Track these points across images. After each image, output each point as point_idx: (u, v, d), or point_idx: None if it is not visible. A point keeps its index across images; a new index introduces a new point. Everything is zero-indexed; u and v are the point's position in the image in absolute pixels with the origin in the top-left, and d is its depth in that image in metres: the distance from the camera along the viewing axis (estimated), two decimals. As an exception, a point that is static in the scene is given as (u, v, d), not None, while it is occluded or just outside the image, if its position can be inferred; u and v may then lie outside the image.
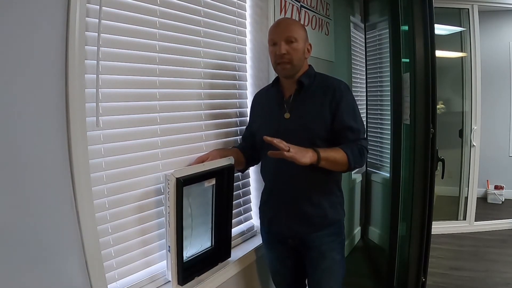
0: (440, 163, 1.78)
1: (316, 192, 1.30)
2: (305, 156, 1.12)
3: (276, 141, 1.09)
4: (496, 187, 3.82)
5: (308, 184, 1.29)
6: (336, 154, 1.19)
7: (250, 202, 1.72)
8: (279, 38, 1.25)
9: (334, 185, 1.35)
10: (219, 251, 1.38)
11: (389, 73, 2.39)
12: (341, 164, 1.21)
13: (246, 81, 1.68)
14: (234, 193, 1.47)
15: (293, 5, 1.86)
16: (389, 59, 2.35)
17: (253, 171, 1.69)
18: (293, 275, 1.46)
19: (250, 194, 1.71)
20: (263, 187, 1.45)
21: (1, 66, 0.78)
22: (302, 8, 1.96)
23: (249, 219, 1.71)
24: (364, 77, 3.12)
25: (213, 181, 1.31)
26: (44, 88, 0.87)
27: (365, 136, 1.30)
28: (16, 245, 0.82)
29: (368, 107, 3.04)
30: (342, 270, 1.37)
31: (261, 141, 1.36)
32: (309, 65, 1.36)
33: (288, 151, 1.09)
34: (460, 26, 3.19)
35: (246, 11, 1.65)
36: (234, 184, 1.42)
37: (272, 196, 1.39)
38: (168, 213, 1.13)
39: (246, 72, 1.68)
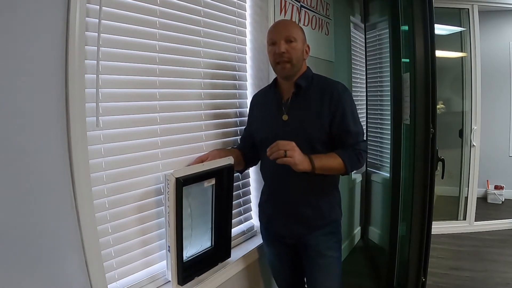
0: (440, 163, 1.78)
1: (314, 193, 1.31)
2: (302, 164, 1.16)
3: (274, 148, 1.14)
4: (496, 187, 3.82)
5: (306, 186, 1.29)
6: (332, 162, 1.22)
7: (250, 202, 1.72)
8: (278, 37, 1.26)
9: (332, 186, 1.36)
10: (219, 251, 1.38)
11: (389, 73, 2.39)
12: (337, 170, 1.25)
13: (246, 81, 1.68)
14: (234, 193, 1.47)
15: (293, 5, 1.86)
16: (389, 59, 2.35)
17: (253, 171, 1.69)
18: (292, 272, 1.48)
19: (250, 194, 1.71)
20: (263, 186, 1.45)
21: (1, 66, 0.78)
22: (302, 8, 1.96)
23: (249, 219, 1.71)
24: (364, 77, 3.11)
25: (213, 181, 1.31)
26: (44, 88, 0.87)
27: (364, 138, 1.31)
28: (16, 245, 0.82)
29: (368, 107, 3.04)
30: (340, 268, 1.38)
31: (260, 142, 1.37)
32: (307, 67, 1.36)
33: (285, 156, 1.13)
34: (460, 26, 3.19)
35: (246, 11, 1.65)
36: (234, 184, 1.42)
37: (271, 196, 1.40)
38: (168, 213, 1.13)
39: (246, 72, 1.68)
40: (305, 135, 1.25)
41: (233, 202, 1.43)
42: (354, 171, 3.05)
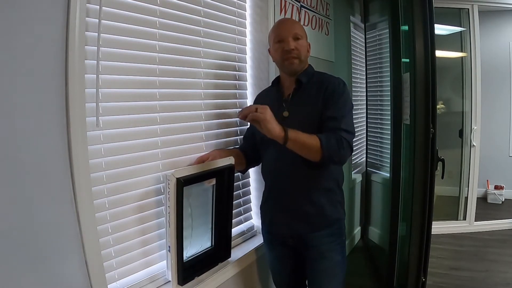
0: (440, 163, 1.78)
1: (315, 190, 1.29)
2: (274, 126, 1.08)
3: (245, 108, 1.13)
4: (496, 187, 3.82)
5: (307, 183, 1.29)
6: (307, 137, 1.14)
7: (250, 202, 1.72)
8: (286, 34, 1.27)
9: (334, 184, 1.34)
10: (219, 251, 1.38)
11: (389, 73, 2.39)
12: (312, 147, 1.14)
13: (246, 81, 1.68)
14: (234, 193, 1.47)
15: (293, 5, 1.86)
16: (389, 59, 2.35)
17: (253, 171, 1.68)
18: (292, 276, 1.46)
19: (250, 194, 1.71)
20: (264, 186, 1.45)
21: (1, 66, 0.78)
22: (302, 8, 1.96)
23: (249, 219, 1.71)
24: (364, 77, 3.12)
25: (214, 181, 1.31)
26: (44, 88, 0.87)
27: (349, 130, 1.22)
28: (16, 245, 0.82)
29: (368, 107, 3.04)
30: (343, 271, 1.36)
31: (261, 139, 1.37)
32: (309, 64, 1.37)
33: (256, 111, 1.07)
34: (460, 26, 3.19)
35: (246, 11, 1.65)
36: (234, 184, 1.42)
37: (272, 195, 1.40)
38: (168, 213, 1.13)
39: (246, 72, 1.68)
40: (305, 131, 1.25)
41: (233, 202, 1.42)
42: (355, 171, 3.09)
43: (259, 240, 1.59)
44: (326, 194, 1.31)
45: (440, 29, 3.20)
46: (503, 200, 3.81)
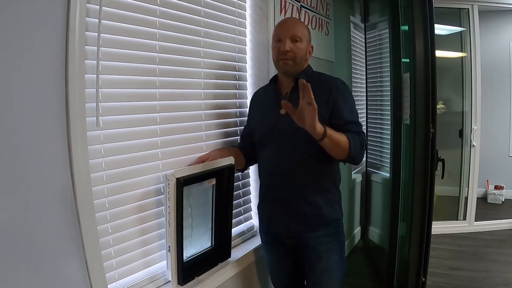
0: (440, 163, 1.78)
1: (312, 190, 1.29)
2: (317, 121, 1.09)
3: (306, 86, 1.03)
4: (496, 187, 3.82)
5: (304, 182, 1.29)
6: (340, 137, 1.18)
7: (250, 202, 1.72)
8: (284, 35, 1.27)
9: (331, 183, 1.34)
10: (219, 251, 1.38)
11: (389, 73, 2.39)
12: (342, 148, 1.18)
13: (246, 81, 1.68)
14: (234, 193, 1.47)
15: (293, 5, 1.86)
16: (389, 59, 2.35)
17: (253, 171, 1.69)
18: (291, 277, 1.46)
19: (250, 194, 1.71)
20: (260, 185, 1.45)
21: (1, 66, 0.78)
22: (302, 8, 1.96)
23: (249, 219, 1.71)
24: (364, 77, 3.12)
25: (214, 181, 1.31)
26: (44, 88, 0.87)
27: (364, 132, 1.31)
28: (16, 245, 0.82)
29: (368, 107, 3.04)
30: (341, 271, 1.36)
31: (259, 138, 1.37)
32: (308, 65, 1.37)
33: (311, 103, 1.04)
34: (460, 26, 3.19)
35: (246, 11, 1.65)
36: (234, 184, 1.42)
37: (268, 195, 1.39)
38: (168, 213, 1.13)
39: (246, 72, 1.68)
40: (302, 129, 1.25)
41: (233, 202, 1.42)
42: (355, 171, 3.09)
43: (259, 240, 1.59)
44: (323, 193, 1.31)
45: (440, 29, 3.20)
46: (503, 200, 3.81)
